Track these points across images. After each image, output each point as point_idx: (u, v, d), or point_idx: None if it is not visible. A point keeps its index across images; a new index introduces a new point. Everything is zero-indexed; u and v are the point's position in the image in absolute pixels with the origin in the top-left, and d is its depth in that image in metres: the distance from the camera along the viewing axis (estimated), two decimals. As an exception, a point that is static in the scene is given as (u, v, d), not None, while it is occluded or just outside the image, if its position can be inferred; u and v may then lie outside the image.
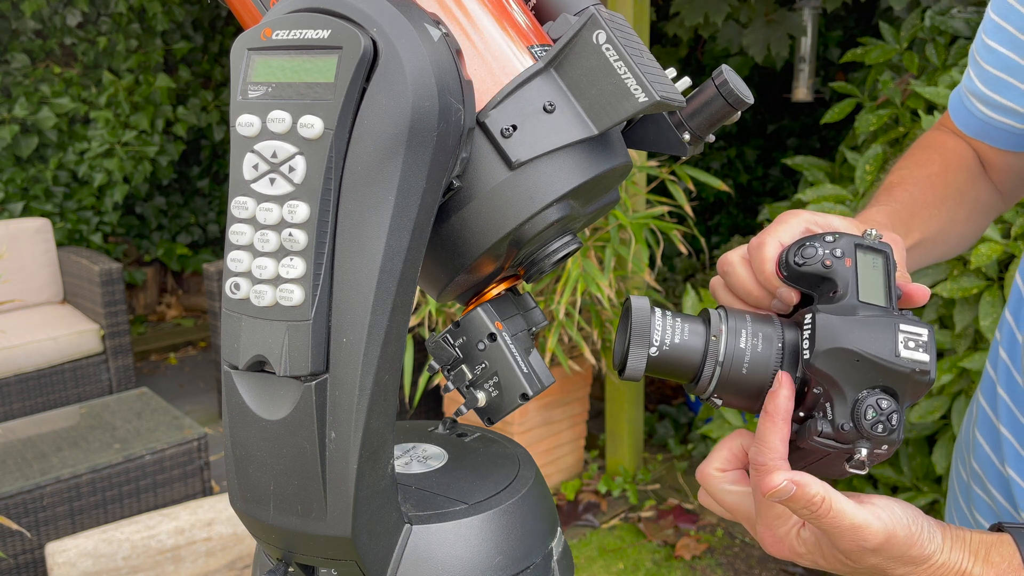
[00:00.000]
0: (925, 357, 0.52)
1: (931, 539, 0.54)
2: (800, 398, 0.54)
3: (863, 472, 0.53)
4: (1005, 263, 2.04)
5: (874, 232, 0.58)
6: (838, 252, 0.55)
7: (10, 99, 4.36)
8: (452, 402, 2.91)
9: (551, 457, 2.97)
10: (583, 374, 2.94)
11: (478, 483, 0.51)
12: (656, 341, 0.54)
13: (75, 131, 4.57)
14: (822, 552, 0.56)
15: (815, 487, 0.52)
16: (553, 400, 2.86)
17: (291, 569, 0.47)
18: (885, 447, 0.52)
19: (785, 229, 0.59)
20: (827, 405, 0.52)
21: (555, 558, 0.51)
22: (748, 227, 4.42)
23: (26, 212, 4.42)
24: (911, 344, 0.52)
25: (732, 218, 4.58)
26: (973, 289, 2.01)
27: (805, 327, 0.53)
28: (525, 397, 0.50)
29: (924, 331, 0.53)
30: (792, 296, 0.57)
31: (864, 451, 0.52)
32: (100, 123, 4.46)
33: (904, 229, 0.76)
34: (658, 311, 0.55)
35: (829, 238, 0.56)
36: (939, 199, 0.83)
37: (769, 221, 2.86)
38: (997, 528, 0.56)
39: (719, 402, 0.56)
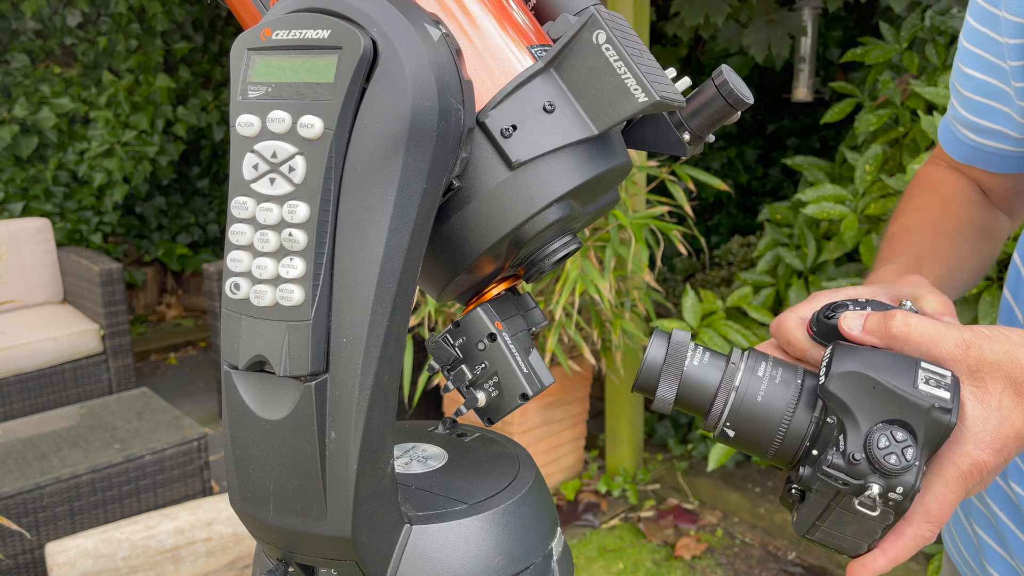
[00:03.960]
0: (946, 395, 0.49)
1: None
2: (816, 437, 0.52)
3: (875, 514, 0.49)
4: (1004, 263, 2.04)
5: (908, 304, 0.58)
6: (868, 309, 0.56)
7: (10, 99, 4.36)
8: (452, 402, 2.91)
9: (551, 457, 2.97)
10: (583, 374, 2.94)
11: (478, 483, 0.51)
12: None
13: (75, 131, 4.57)
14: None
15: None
16: (553, 400, 2.86)
17: (291, 569, 0.47)
18: (900, 489, 0.48)
19: (803, 305, 0.60)
20: (840, 437, 0.50)
21: (555, 558, 0.51)
22: (748, 227, 4.42)
23: (26, 212, 4.42)
24: (931, 381, 0.50)
25: (732, 218, 4.58)
26: (972, 289, 2.01)
27: (824, 358, 0.53)
28: (525, 397, 0.50)
29: (948, 373, 0.51)
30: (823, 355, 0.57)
31: (876, 487, 0.48)
32: (100, 123, 4.46)
33: None
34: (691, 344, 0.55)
35: (860, 300, 0.57)
36: (944, 241, 0.83)
37: (769, 221, 2.86)
38: None
39: (731, 433, 0.54)
